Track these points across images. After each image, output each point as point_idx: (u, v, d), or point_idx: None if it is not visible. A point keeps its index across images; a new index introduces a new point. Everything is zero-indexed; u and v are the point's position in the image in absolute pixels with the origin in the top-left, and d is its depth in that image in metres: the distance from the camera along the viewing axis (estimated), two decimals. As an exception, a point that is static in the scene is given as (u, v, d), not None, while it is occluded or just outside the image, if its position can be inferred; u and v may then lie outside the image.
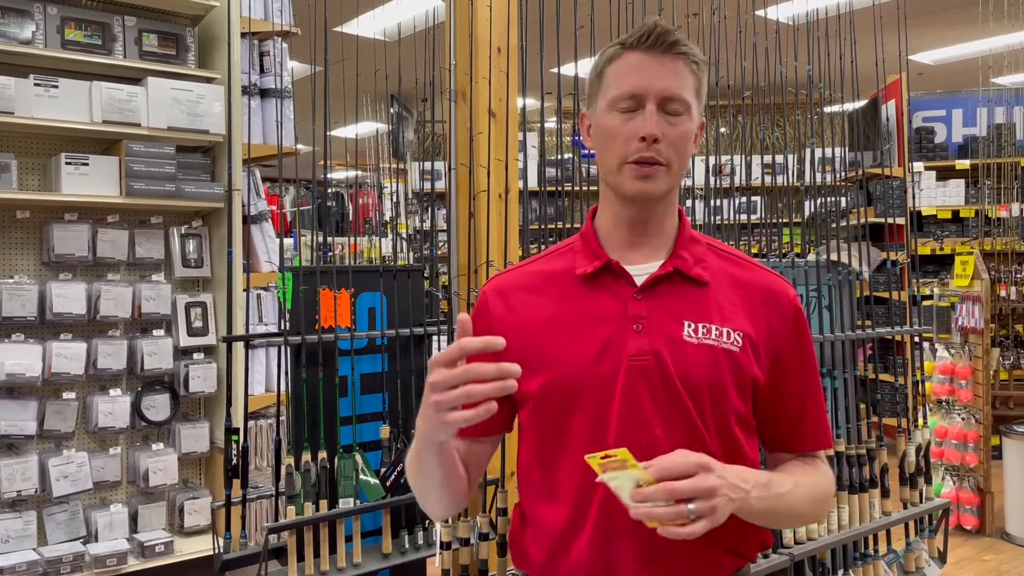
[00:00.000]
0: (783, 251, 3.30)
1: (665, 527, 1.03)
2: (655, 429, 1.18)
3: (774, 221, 3.21)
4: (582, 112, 1.32)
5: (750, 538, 1.26)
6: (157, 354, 3.28)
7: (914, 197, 6.20)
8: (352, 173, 10.34)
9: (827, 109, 4.26)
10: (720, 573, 1.24)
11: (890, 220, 5.51)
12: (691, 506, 1.03)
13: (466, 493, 1.29)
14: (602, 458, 1.03)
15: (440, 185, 3.05)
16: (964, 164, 6.28)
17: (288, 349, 2.32)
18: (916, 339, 3.71)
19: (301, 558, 2.20)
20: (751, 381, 1.23)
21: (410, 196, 6.84)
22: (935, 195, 6.32)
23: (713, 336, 1.21)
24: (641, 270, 1.25)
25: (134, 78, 3.30)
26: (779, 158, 6.31)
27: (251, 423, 3.53)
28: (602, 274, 1.25)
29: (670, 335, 1.20)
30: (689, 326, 1.21)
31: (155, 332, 3.33)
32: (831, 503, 1.38)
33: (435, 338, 2.55)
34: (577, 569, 1.20)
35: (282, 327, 2.42)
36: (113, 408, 3.23)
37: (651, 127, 1.17)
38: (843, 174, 4.44)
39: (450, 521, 2.15)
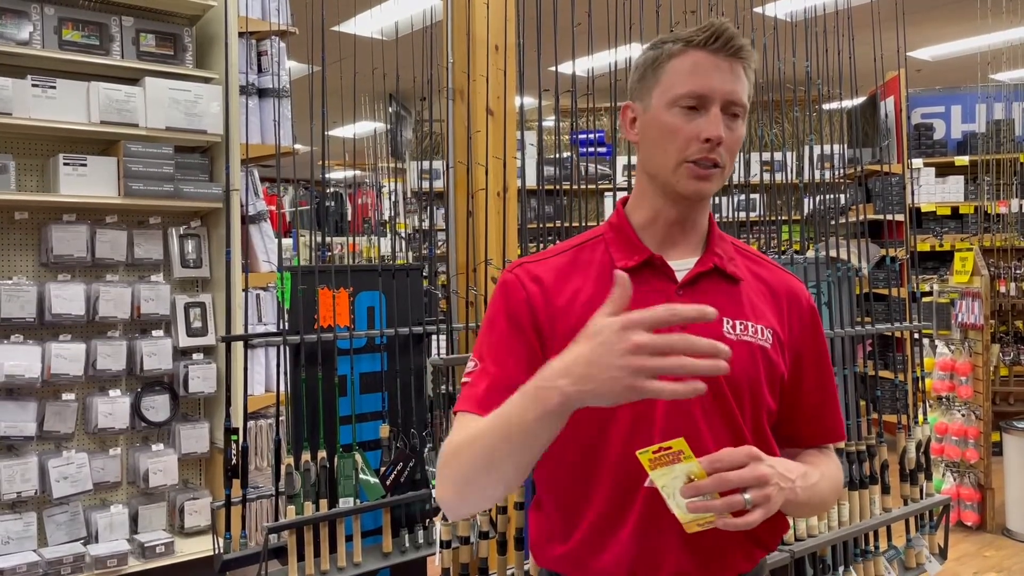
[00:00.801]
0: (782, 248, 3.30)
1: (724, 519, 1.03)
2: (700, 425, 1.18)
3: (773, 218, 3.20)
4: (625, 104, 1.29)
5: (776, 529, 1.27)
6: (156, 355, 3.28)
7: (913, 193, 6.19)
8: (351, 173, 10.34)
9: (826, 106, 4.25)
10: (748, 563, 1.25)
11: (889, 217, 5.51)
12: (747, 496, 1.03)
13: None
14: (655, 452, 1.01)
15: (439, 184, 3.05)
16: (963, 160, 6.27)
17: (287, 349, 2.32)
18: (916, 335, 3.71)
19: (301, 558, 2.20)
20: (780, 378, 1.25)
21: (409, 195, 6.84)
22: (934, 191, 6.32)
23: (750, 333, 1.23)
24: (680, 266, 1.25)
25: (132, 78, 3.30)
26: (778, 155, 6.31)
27: (251, 423, 3.52)
28: (643, 269, 1.24)
29: (713, 331, 1.20)
30: (728, 323, 1.22)
31: (154, 333, 3.32)
32: (842, 493, 1.40)
33: (434, 337, 2.55)
34: (619, 562, 1.20)
35: (281, 327, 2.42)
36: (113, 409, 3.22)
37: (718, 129, 1.17)
38: (842, 171, 4.44)
39: (449, 520, 2.15)
